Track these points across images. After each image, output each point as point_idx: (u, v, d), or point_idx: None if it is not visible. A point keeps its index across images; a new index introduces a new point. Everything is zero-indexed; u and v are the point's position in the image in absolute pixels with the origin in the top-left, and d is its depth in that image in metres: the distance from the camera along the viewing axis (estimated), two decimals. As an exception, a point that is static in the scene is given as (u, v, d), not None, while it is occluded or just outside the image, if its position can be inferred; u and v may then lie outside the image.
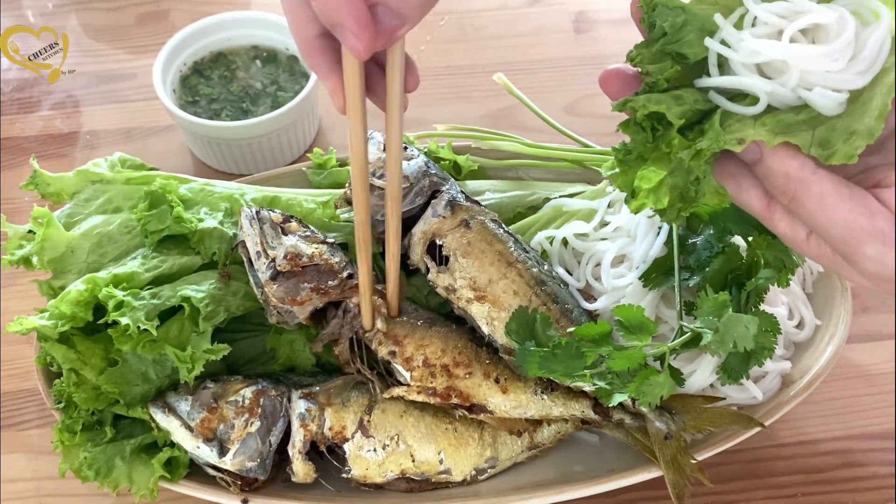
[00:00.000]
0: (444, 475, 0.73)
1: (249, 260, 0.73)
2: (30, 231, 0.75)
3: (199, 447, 0.70)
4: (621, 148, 0.52)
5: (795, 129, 0.48)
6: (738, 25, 0.51)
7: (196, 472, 0.73)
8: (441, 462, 0.73)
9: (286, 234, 0.74)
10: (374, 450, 0.72)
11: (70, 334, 0.71)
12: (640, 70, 0.52)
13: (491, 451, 0.75)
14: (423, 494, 0.74)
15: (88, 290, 0.69)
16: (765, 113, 0.49)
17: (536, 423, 0.75)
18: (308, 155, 0.91)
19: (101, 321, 0.70)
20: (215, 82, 1.02)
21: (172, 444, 0.72)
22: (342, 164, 0.90)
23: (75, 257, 0.75)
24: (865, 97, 0.48)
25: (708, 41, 0.50)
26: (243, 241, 0.73)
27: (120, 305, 0.69)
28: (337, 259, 0.74)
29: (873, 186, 0.48)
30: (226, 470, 0.70)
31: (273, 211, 0.76)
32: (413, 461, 0.73)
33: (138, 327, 0.68)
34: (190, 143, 1.03)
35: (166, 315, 0.72)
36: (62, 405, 0.73)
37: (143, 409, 0.72)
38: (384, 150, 0.80)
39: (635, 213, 0.52)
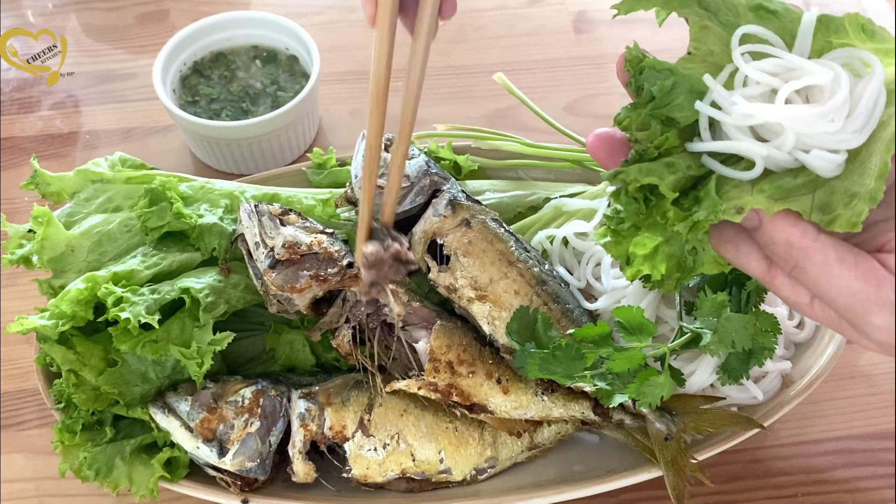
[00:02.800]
0: (445, 475, 0.73)
1: (248, 252, 0.73)
2: (30, 230, 0.75)
3: (198, 447, 0.70)
4: (614, 216, 0.50)
5: (794, 193, 0.47)
6: (729, 85, 0.49)
7: (196, 472, 0.73)
8: (441, 461, 0.73)
9: (285, 226, 0.74)
10: (375, 449, 0.72)
11: (69, 335, 0.71)
12: (628, 137, 0.50)
13: (491, 451, 0.75)
14: (423, 494, 0.74)
15: (88, 288, 0.69)
16: (762, 177, 0.48)
17: (536, 423, 0.75)
18: (308, 155, 0.91)
19: (101, 319, 0.70)
20: (215, 82, 1.02)
21: (172, 445, 0.72)
22: (342, 163, 0.90)
23: (75, 256, 0.75)
24: (864, 155, 0.47)
25: (698, 105, 0.49)
26: (242, 235, 0.74)
27: (119, 301, 0.69)
28: (336, 248, 0.74)
29: (877, 250, 0.47)
30: (226, 470, 0.70)
31: (272, 204, 0.76)
32: (413, 460, 0.73)
33: (139, 322, 0.68)
34: (190, 143, 1.03)
35: (166, 315, 0.72)
36: (62, 405, 0.73)
37: (142, 410, 0.72)
38: (385, 150, 0.80)
39: (631, 280, 0.50)
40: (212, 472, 0.72)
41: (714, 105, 0.49)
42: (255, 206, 0.74)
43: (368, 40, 0.61)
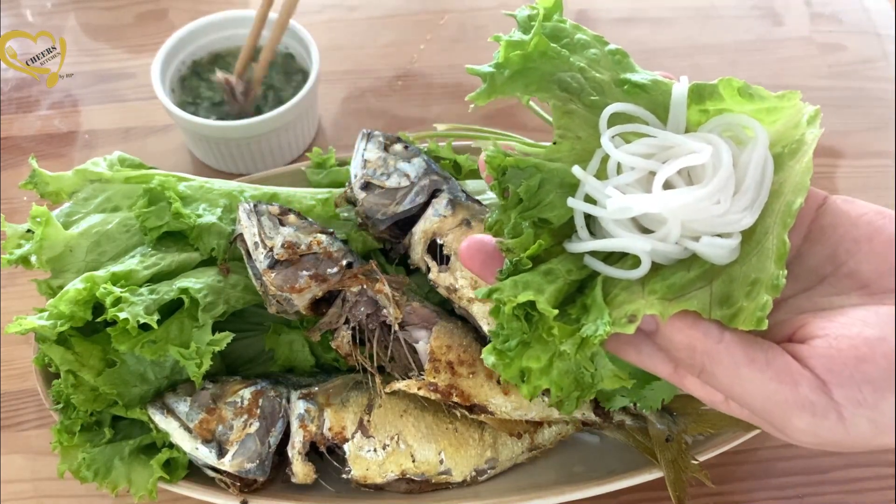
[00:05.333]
0: (445, 475, 0.73)
1: (248, 252, 0.73)
2: (28, 230, 0.75)
3: (197, 448, 0.70)
4: (498, 333, 0.45)
5: (689, 289, 0.42)
6: (602, 173, 0.45)
7: (195, 473, 0.73)
8: (441, 462, 0.73)
9: (284, 226, 0.74)
10: (374, 450, 0.72)
11: (68, 335, 0.71)
12: (499, 246, 0.45)
13: (491, 452, 0.74)
14: (422, 495, 0.74)
15: (87, 288, 0.69)
16: (653, 273, 0.43)
17: (537, 424, 0.75)
18: (307, 154, 0.91)
19: (100, 319, 0.70)
20: (214, 82, 1.01)
21: (171, 445, 0.72)
22: (341, 163, 0.90)
23: (74, 256, 0.75)
24: (759, 233, 0.42)
25: (571, 201, 0.44)
26: (241, 235, 0.74)
27: (118, 301, 0.68)
28: (336, 248, 0.74)
29: (789, 338, 0.42)
30: (225, 471, 0.70)
31: (271, 204, 0.76)
32: (413, 461, 0.72)
33: (138, 322, 0.67)
34: (189, 142, 1.03)
35: (165, 315, 0.71)
36: (61, 406, 0.73)
37: (141, 410, 0.72)
38: (385, 149, 0.80)
39: (529, 398, 0.45)
40: (211, 473, 0.72)
41: (589, 199, 0.44)
42: (255, 206, 0.74)
43: (368, 40, 0.61)
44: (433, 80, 1.11)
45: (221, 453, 0.70)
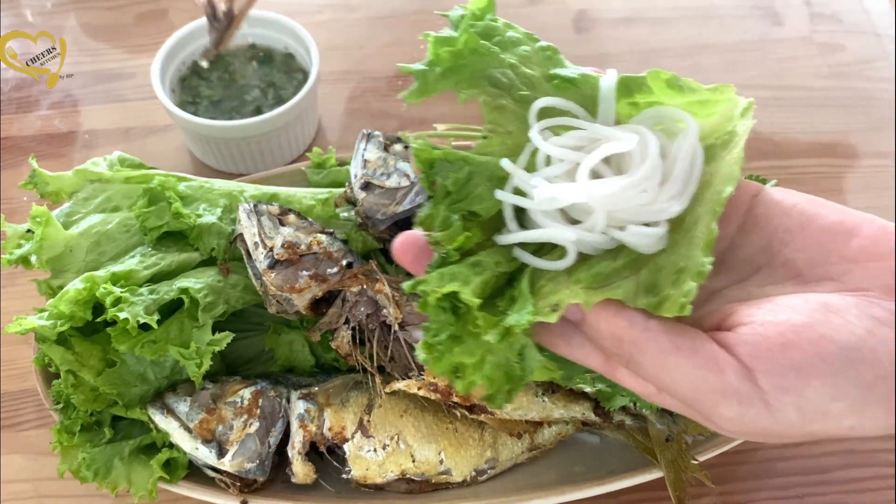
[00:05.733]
0: (445, 476, 0.73)
1: (248, 252, 0.73)
2: (28, 230, 0.75)
3: (197, 448, 0.70)
4: (429, 327, 0.43)
5: (615, 278, 0.41)
6: (532, 167, 0.45)
7: (195, 473, 0.73)
8: (441, 462, 0.73)
9: (284, 226, 0.74)
10: (374, 450, 0.72)
11: (68, 335, 0.71)
12: (427, 240, 0.45)
13: (491, 452, 0.74)
14: (422, 496, 0.74)
15: (87, 288, 0.69)
16: (580, 264, 0.43)
17: (537, 424, 0.75)
18: (307, 154, 0.91)
19: (99, 319, 0.70)
20: (214, 82, 1.01)
21: (171, 445, 0.72)
22: (341, 163, 0.90)
23: (74, 256, 0.75)
24: (689, 222, 0.42)
25: (499, 193, 0.44)
26: (241, 235, 0.74)
27: (118, 301, 0.68)
28: (336, 248, 0.74)
29: (716, 327, 0.41)
30: (225, 471, 0.70)
31: (271, 204, 0.76)
32: (413, 461, 0.72)
33: (138, 322, 0.67)
34: (189, 142, 1.03)
35: (165, 315, 0.71)
36: (61, 406, 0.73)
37: (141, 410, 0.72)
38: (385, 149, 0.80)
39: (464, 392, 0.43)
40: (211, 473, 0.72)
41: (518, 191, 0.44)
42: (255, 206, 0.74)
43: (368, 39, 0.61)
44: (433, 80, 1.11)
45: (221, 453, 0.70)
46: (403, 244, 0.46)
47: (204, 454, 0.70)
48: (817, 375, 0.38)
